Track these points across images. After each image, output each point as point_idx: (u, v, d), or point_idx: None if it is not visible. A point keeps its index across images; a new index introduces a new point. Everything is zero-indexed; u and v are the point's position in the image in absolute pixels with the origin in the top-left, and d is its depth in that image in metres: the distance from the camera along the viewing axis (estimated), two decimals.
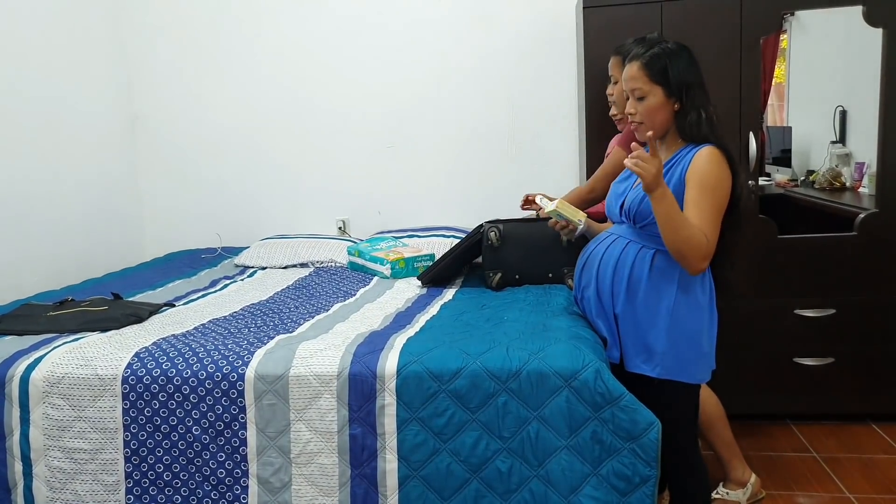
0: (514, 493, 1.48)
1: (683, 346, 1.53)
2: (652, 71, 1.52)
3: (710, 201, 1.46)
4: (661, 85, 1.52)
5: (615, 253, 1.59)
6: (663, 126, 1.54)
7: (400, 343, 1.61)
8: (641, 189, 1.50)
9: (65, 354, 1.65)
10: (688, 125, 1.51)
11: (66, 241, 2.80)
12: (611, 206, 1.69)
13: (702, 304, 1.55)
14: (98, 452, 1.60)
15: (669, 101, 1.52)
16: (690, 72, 1.53)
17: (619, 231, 1.64)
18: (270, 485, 1.56)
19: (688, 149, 1.53)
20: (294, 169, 3.22)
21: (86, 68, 2.98)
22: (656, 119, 1.53)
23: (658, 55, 1.52)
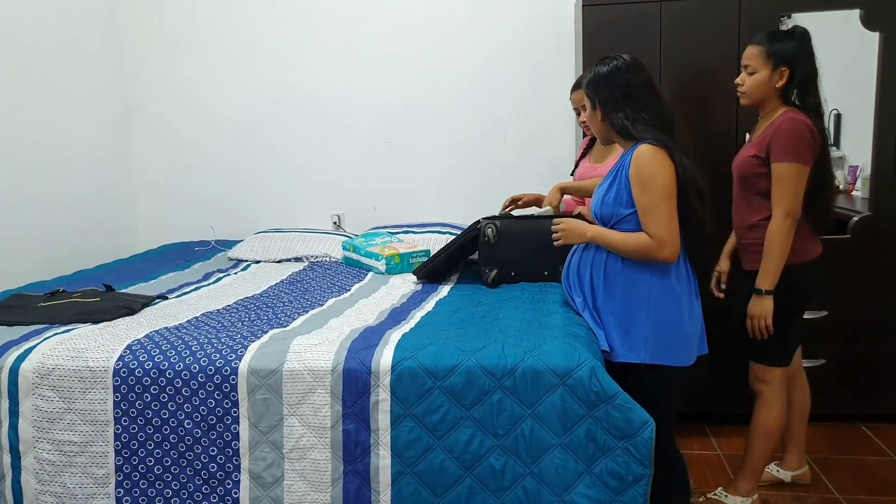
0: (507, 490, 1.48)
1: (663, 331, 1.62)
2: (587, 89, 1.76)
3: (651, 195, 1.59)
4: (588, 99, 1.75)
5: (590, 253, 1.74)
6: (599, 130, 1.76)
7: (395, 339, 1.60)
8: (599, 193, 1.73)
9: (55, 346, 1.64)
10: (616, 127, 1.70)
11: (58, 232, 2.77)
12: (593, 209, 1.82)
13: (678, 291, 1.64)
14: (88, 445, 1.58)
15: (595, 113, 1.74)
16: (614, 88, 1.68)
17: None
18: (262, 479, 1.55)
19: (632, 148, 1.67)
20: (289, 162, 3.20)
21: (80, 59, 2.95)
22: (593, 126, 1.78)
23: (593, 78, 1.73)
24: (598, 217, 1.73)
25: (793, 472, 2.18)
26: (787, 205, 1.82)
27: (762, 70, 1.89)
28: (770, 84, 1.89)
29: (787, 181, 1.82)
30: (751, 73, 1.92)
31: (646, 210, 1.60)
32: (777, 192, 1.83)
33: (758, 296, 1.88)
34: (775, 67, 1.88)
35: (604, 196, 1.70)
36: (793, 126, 1.83)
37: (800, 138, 1.82)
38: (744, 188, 1.96)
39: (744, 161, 1.95)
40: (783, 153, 1.82)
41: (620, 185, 1.66)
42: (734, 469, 2.31)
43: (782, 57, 1.87)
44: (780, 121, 1.86)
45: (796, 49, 1.87)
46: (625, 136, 1.70)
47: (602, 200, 1.70)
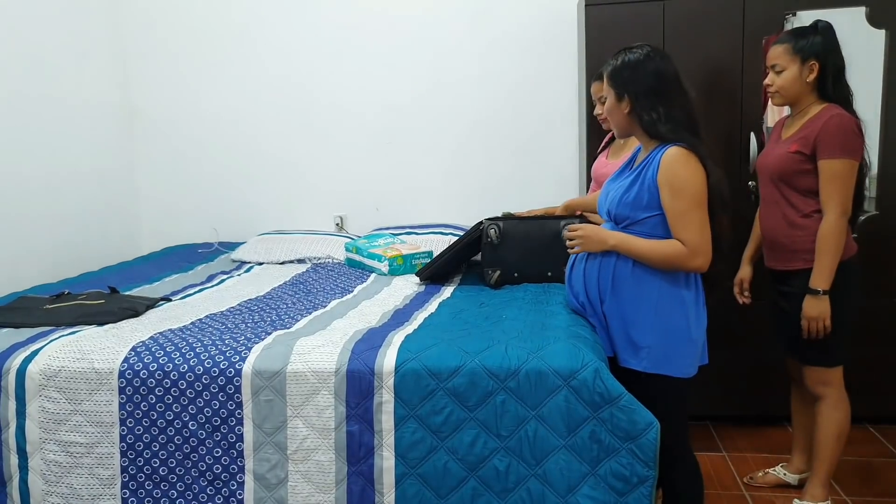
0: (511, 492, 1.47)
1: (669, 340, 1.58)
2: (610, 80, 1.67)
3: (683, 202, 1.53)
4: (613, 90, 1.66)
5: (598, 253, 1.66)
6: (621, 125, 1.68)
7: (398, 340, 1.60)
8: (617, 191, 1.64)
9: (61, 348, 1.64)
10: (644, 125, 1.62)
11: (62, 235, 2.78)
12: (600, 205, 1.76)
13: (686, 299, 1.59)
14: (94, 446, 1.59)
15: (620, 105, 1.64)
16: (646, 79, 1.60)
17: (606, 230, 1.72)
18: (267, 481, 1.55)
19: (658, 149, 1.60)
20: (292, 164, 3.20)
21: (84, 62, 2.97)
22: (613, 119, 1.69)
23: (617, 65, 1.65)
24: (612, 216, 1.66)
25: (800, 475, 2.16)
26: (841, 202, 1.79)
27: (791, 67, 1.87)
28: (801, 79, 1.86)
29: (841, 178, 1.78)
30: (779, 71, 1.89)
31: (679, 216, 1.53)
32: (830, 190, 1.79)
33: (814, 296, 1.82)
34: (804, 62, 1.85)
35: (622, 195, 1.61)
36: (840, 122, 1.80)
37: (849, 134, 1.79)
38: (782, 187, 1.91)
39: (783, 158, 1.88)
40: (834, 150, 1.78)
41: (643, 187, 1.58)
42: (739, 469, 2.30)
43: (810, 51, 1.85)
44: (825, 117, 1.82)
45: (823, 42, 1.85)
46: (651, 135, 1.61)
47: (620, 199, 1.61)
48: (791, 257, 1.91)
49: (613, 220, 1.66)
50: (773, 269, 1.99)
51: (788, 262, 1.92)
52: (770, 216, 1.97)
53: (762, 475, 2.22)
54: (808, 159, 1.84)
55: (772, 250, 1.99)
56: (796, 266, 1.89)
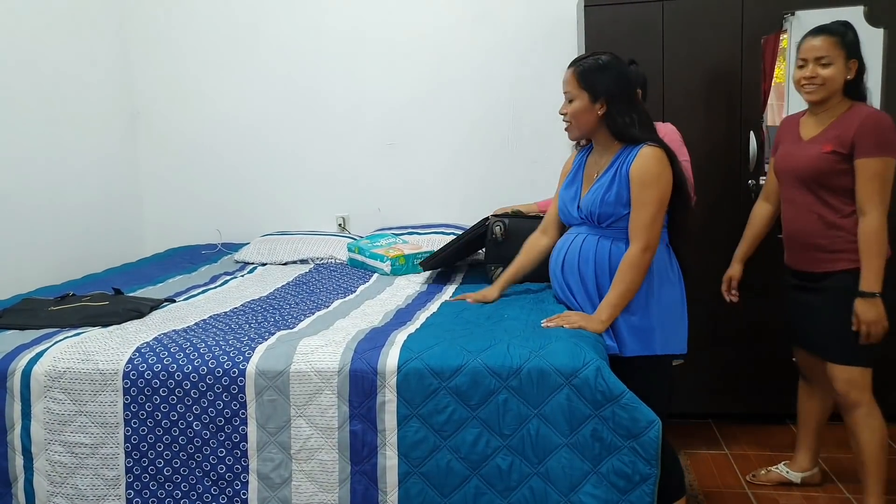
0: (513, 490, 1.48)
1: (666, 319, 1.69)
2: (580, 79, 1.71)
3: (650, 195, 1.64)
4: (587, 91, 1.70)
5: (590, 249, 1.74)
6: (588, 127, 1.73)
7: (401, 340, 1.61)
8: (596, 193, 1.71)
9: (66, 349, 1.65)
10: (618, 128, 1.69)
11: (66, 237, 2.80)
12: (566, 210, 1.83)
13: (672, 279, 1.71)
14: (99, 447, 1.60)
15: (594, 107, 1.70)
16: (618, 83, 1.69)
17: (583, 231, 1.78)
18: (270, 480, 1.56)
19: (628, 150, 1.70)
20: (294, 165, 3.22)
21: (87, 63, 2.98)
22: (581, 120, 1.73)
23: (590, 67, 1.70)
24: (594, 216, 1.72)
25: (803, 474, 2.17)
26: (882, 201, 1.75)
27: (838, 61, 1.80)
28: (843, 76, 1.81)
29: (881, 177, 1.75)
30: (826, 64, 1.81)
31: (640, 207, 1.64)
32: (870, 190, 1.75)
33: (868, 300, 1.77)
34: (848, 58, 1.81)
35: (603, 195, 1.70)
36: (878, 120, 1.77)
37: (887, 132, 1.76)
38: (816, 188, 1.86)
39: (818, 159, 1.83)
40: (874, 149, 1.75)
41: (621, 183, 1.68)
42: (741, 467, 2.31)
43: (853, 48, 1.81)
44: (860, 116, 1.79)
45: (856, 40, 1.82)
46: (622, 138, 1.70)
47: (602, 199, 1.70)
48: (832, 259, 1.85)
49: (596, 220, 1.72)
50: (803, 270, 1.93)
51: (829, 264, 1.86)
52: (800, 219, 1.91)
53: (765, 473, 2.22)
54: (844, 159, 1.79)
55: (803, 252, 1.92)
56: (839, 267, 1.84)
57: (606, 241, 1.72)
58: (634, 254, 1.65)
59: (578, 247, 1.76)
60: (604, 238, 1.73)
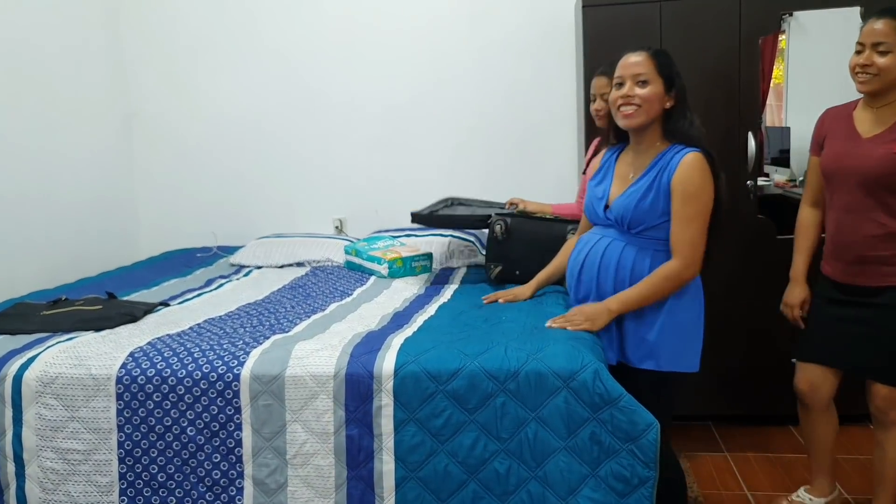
0: (511, 494, 1.47)
1: (681, 336, 1.60)
2: (659, 63, 1.58)
3: (695, 209, 1.53)
4: (664, 78, 1.57)
5: (613, 257, 1.63)
6: (653, 117, 1.59)
7: (397, 343, 1.59)
8: (630, 196, 1.59)
9: (58, 354, 1.63)
10: (680, 125, 1.57)
11: (60, 240, 2.77)
12: (592, 208, 1.71)
13: (691, 294, 1.61)
14: (91, 453, 1.58)
15: (665, 98, 1.58)
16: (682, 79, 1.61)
17: (609, 234, 1.66)
18: (266, 486, 1.54)
19: (673, 151, 1.57)
20: (291, 167, 3.20)
21: (81, 64, 2.96)
22: (653, 108, 1.58)
23: (665, 53, 1.60)
24: (625, 221, 1.60)
25: (826, 498, 2.01)
26: None
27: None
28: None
29: None
30: (884, 52, 1.63)
31: (683, 222, 1.53)
32: None
33: None
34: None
35: (638, 201, 1.57)
36: None
37: None
38: (880, 192, 1.68)
39: (888, 159, 1.65)
40: None
41: (660, 192, 1.56)
42: (740, 470, 2.29)
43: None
44: None
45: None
46: (677, 136, 1.58)
47: (636, 205, 1.57)
48: (892, 272, 1.69)
49: (627, 226, 1.61)
50: (853, 284, 1.76)
51: (889, 278, 1.70)
52: (857, 227, 1.72)
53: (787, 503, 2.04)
54: None
55: (856, 265, 1.74)
56: (886, 282, 1.69)
57: (632, 250, 1.61)
58: (675, 268, 1.54)
59: (601, 252, 1.65)
60: (630, 246, 1.61)
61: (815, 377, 1.89)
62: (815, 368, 1.88)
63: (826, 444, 1.96)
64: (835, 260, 1.80)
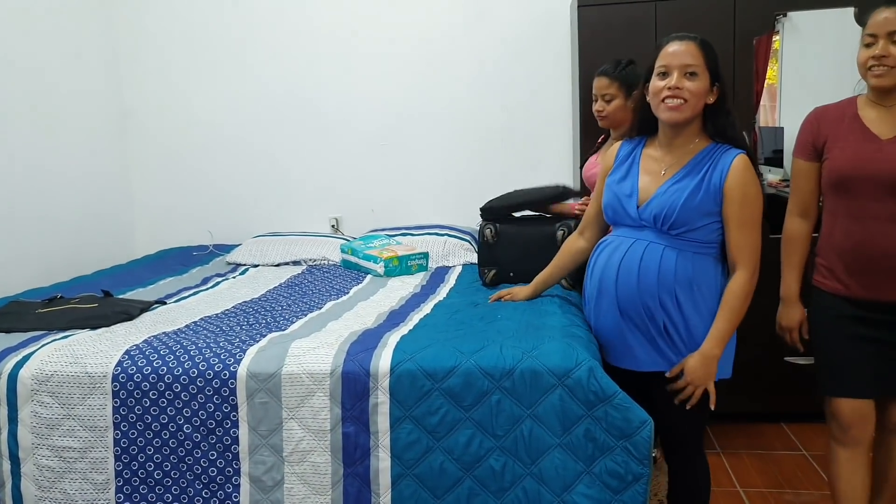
0: (507, 491, 1.48)
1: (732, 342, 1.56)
2: (707, 56, 1.48)
3: (754, 214, 1.47)
4: (710, 72, 1.48)
5: (653, 261, 1.50)
6: (697, 113, 1.50)
7: (393, 341, 1.60)
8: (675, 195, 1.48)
9: (54, 352, 1.64)
10: (724, 123, 1.50)
11: (55, 238, 2.77)
12: (619, 207, 1.57)
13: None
14: (87, 451, 1.58)
15: (709, 92, 1.49)
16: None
17: (644, 236, 1.53)
18: (262, 483, 1.55)
19: (719, 150, 1.49)
20: (287, 166, 3.20)
21: (76, 63, 2.95)
22: (699, 102, 1.48)
23: (709, 43, 1.49)
24: (667, 221, 1.49)
25: None
26: None
27: None
28: None
29: None
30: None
31: (743, 228, 1.45)
32: None
33: None
34: None
35: (686, 199, 1.47)
36: None
37: None
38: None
39: None
40: None
41: (709, 192, 1.46)
42: (734, 467, 2.31)
43: None
44: None
45: None
46: (721, 134, 1.50)
47: (683, 204, 1.47)
48: None
49: (668, 226, 1.49)
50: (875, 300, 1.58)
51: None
52: (880, 236, 1.54)
53: None
54: None
55: (887, 277, 1.56)
56: None
57: (672, 253, 1.49)
58: (744, 281, 1.46)
59: (639, 256, 1.51)
60: (670, 249, 1.49)
61: (863, 407, 1.65)
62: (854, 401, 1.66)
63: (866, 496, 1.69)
64: (851, 275, 1.60)
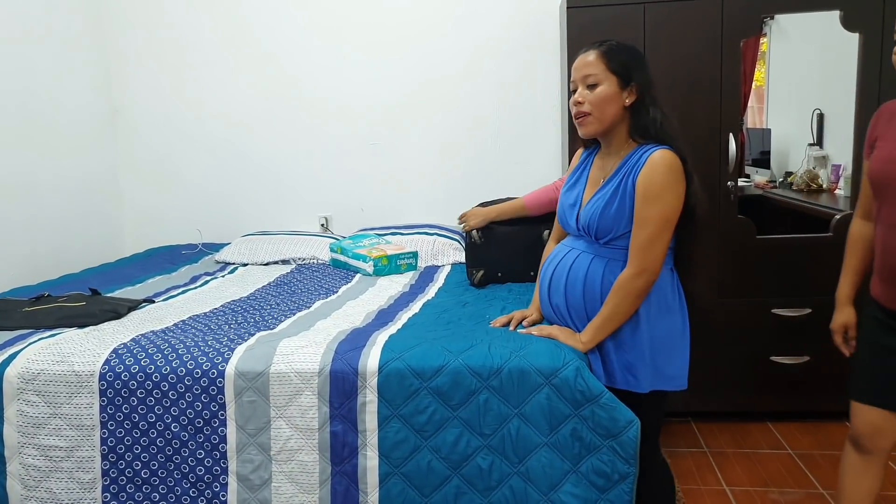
0: (494, 490, 1.49)
1: (660, 353, 1.50)
2: (610, 60, 1.45)
3: (653, 211, 1.40)
4: (617, 75, 1.44)
5: (581, 271, 1.52)
6: (611, 119, 1.47)
7: (382, 340, 1.60)
8: (596, 204, 1.49)
9: (40, 350, 1.63)
10: (644, 122, 1.44)
11: (43, 236, 2.75)
12: (563, 217, 1.60)
13: (673, 307, 1.51)
14: (74, 450, 1.57)
15: (621, 95, 1.45)
16: (648, 71, 1.48)
17: (578, 245, 1.56)
18: (250, 482, 1.55)
19: (642, 150, 1.45)
20: (276, 165, 3.19)
21: (65, 61, 2.93)
22: (606, 110, 1.46)
23: (619, 47, 1.47)
24: (592, 231, 1.50)
25: None
26: None
27: None
28: None
29: None
30: None
31: (642, 224, 1.41)
32: None
33: None
34: None
35: (604, 208, 1.46)
36: None
37: None
38: None
39: None
40: None
41: (625, 195, 1.44)
42: (720, 466, 2.33)
43: None
44: None
45: None
46: (646, 134, 1.45)
47: (601, 213, 1.46)
48: None
49: (594, 236, 1.50)
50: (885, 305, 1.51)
51: None
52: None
53: None
54: None
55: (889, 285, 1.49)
56: None
57: (600, 263, 1.50)
58: (627, 277, 1.43)
59: (569, 265, 1.55)
60: (598, 258, 1.50)
61: (876, 419, 1.58)
62: (875, 411, 1.58)
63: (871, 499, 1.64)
64: (882, 282, 1.54)
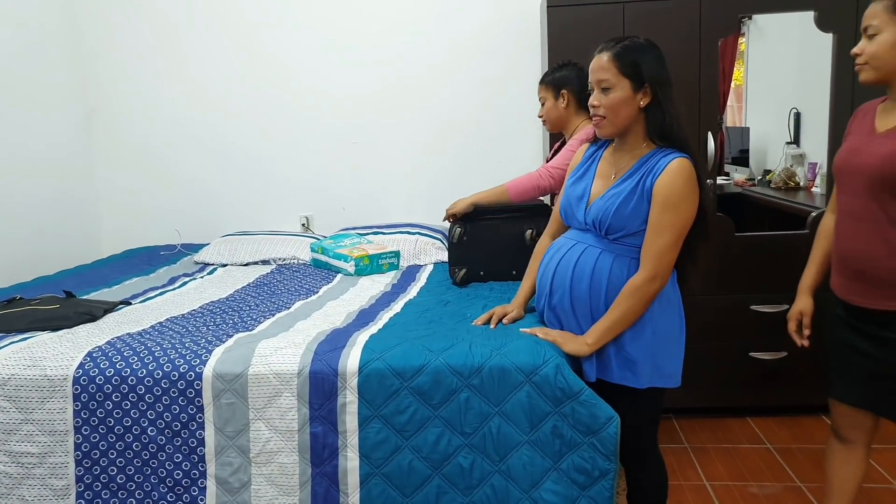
0: (475, 488, 1.48)
1: (661, 350, 1.51)
2: (622, 63, 1.44)
3: (672, 219, 1.43)
4: (629, 78, 1.44)
5: (588, 265, 1.51)
6: (627, 121, 1.48)
7: (362, 340, 1.59)
8: (611, 200, 1.48)
9: (11, 354, 1.59)
10: (660, 125, 1.45)
11: (16, 238, 2.69)
12: (569, 209, 1.59)
13: (673, 305, 1.52)
14: (47, 456, 1.54)
15: (635, 97, 1.45)
16: (662, 69, 1.47)
17: (585, 239, 1.54)
18: (229, 485, 1.53)
19: (660, 154, 1.46)
20: (256, 164, 3.16)
21: (40, 59, 2.87)
22: (620, 113, 1.46)
23: (631, 47, 1.46)
24: (603, 226, 1.49)
25: None
26: None
27: (888, 29, 1.35)
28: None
29: None
30: (871, 35, 1.38)
31: (660, 231, 1.42)
32: None
33: None
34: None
35: (619, 205, 1.46)
36: None
37: None
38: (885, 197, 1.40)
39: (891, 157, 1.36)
40: None
41: (643, 198, 1.44)
42: (700, 461, 2.35)
43: None
44: None
45: None
46: (664, 137, 1.45)
47: (616, 210, 1.46)
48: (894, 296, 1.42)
49: (604, 231, 1.49)
50: (854, 304, 1.51)
51: (890, 302, 1.43)
52: (859, 237, 1.46)
53: None
54: None
55: (860, 282, 1.47)
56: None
57: (608, 258, 1.49)
58: (640, 282, 1.44)
59: (575, 259, 1.53)
60: (606, 253, 1.49)
61: (851, 414, 1.60)
62: (849, 407, 1.60)
63: (847, 488, 1.65)
64: (837, 273, 1.55)
